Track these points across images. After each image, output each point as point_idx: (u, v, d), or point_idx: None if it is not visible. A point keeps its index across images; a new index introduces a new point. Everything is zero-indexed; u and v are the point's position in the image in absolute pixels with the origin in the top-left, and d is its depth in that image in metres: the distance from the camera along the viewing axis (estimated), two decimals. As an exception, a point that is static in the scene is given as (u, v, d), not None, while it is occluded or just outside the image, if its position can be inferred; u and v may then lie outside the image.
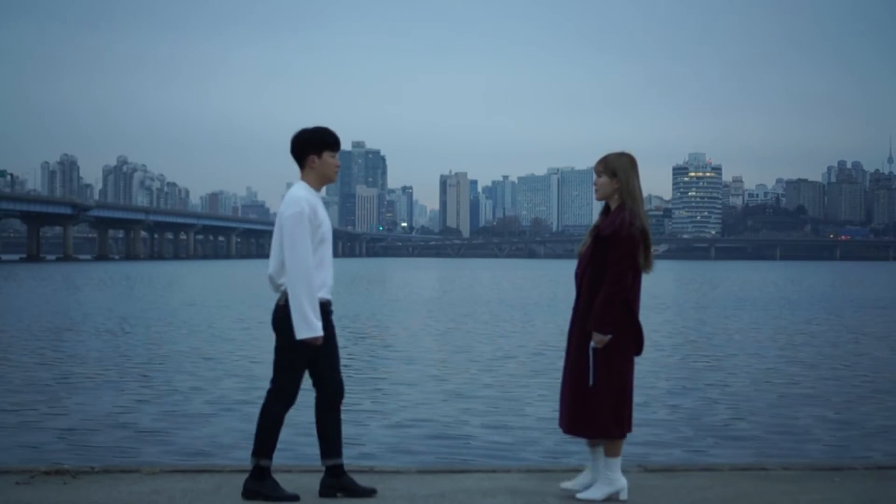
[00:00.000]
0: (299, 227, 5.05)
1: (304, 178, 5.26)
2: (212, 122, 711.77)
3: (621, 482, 5.16)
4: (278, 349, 5.19)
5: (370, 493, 5.17)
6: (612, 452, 5.17)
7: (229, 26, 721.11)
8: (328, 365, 5.23)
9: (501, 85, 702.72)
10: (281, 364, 5.18)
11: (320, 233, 5.14)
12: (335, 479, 5.21)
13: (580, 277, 5.26)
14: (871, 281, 65.42)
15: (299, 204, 5.09)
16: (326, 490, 5.20)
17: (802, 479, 5.73)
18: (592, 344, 5.08)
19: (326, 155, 5.24)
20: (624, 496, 5.15)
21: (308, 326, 5.01)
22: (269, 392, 5.22)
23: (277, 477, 5.63)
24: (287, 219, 5.08)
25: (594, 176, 5.39)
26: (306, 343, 5.05)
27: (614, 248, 5.07)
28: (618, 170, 5.24)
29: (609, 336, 5.04)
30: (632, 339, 5.17)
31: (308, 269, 5.03)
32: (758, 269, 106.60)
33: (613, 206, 5.26)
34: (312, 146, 5.22)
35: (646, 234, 5.16)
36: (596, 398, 5.07)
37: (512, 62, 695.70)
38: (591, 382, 5.08)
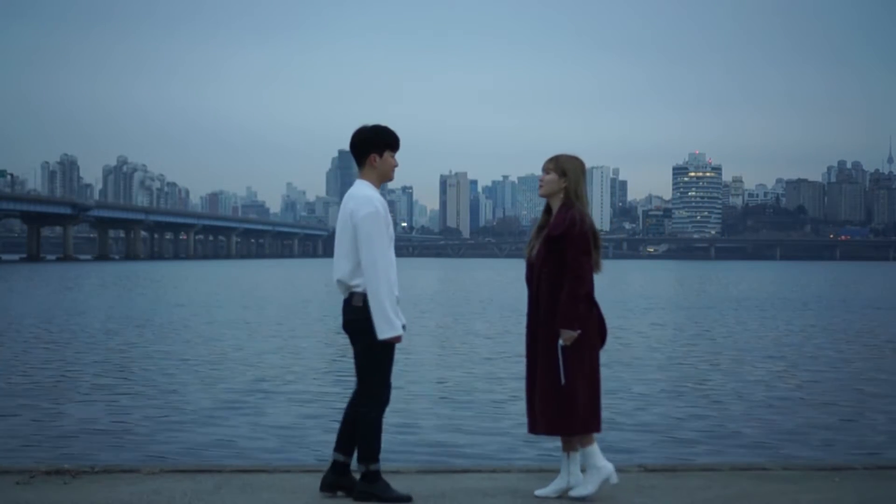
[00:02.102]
0: (376, 227, 5.02)
1: (363, 177, 5.22)
2: (211, 122, 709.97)
3: (608, 468, 5.19)
4: (361, 353, 5.11)
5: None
6: (586, 442, 5.20)
7: (229, 26, 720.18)
8: None
9: (502, 85, 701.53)
10: (368, 367, 5.11)
11: (390, 232, 5.14)
12: (337, 477, 5.20)
13: (536, 281, 5.27)
14: (870, 281, 65.40)
15: (373, 203, 5.06)
16: (327, 487, 5.19)
17: (802, 479, 5.73)
18: (561, 342, 5.11)
19: (387, 154, 5.23)
20: (614, 480, 5.19)
21: (390, 326, 4.99)
22: (361, 396, 5.13)
23: (277, 478, 5.66)
24: (363, 219, 5.03)
25: (542, 173, 5.39)
26: (388, 342, 5.03)
27: (570, 246, 5.12)
28: (568, 170, 5.30)
29: (578, 332, 5.09)
30: (596, 332, 5.24)
31: (388, 267, 5.01)
32: (757, 269, 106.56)
33: (556, 205, 5.31)
34: (374, 145, 5.20)
35: (595, 235, 5.24)
36: (572, 394, 5.10)
37: (512, 62, 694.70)
38: (562, 381, 5.10)
